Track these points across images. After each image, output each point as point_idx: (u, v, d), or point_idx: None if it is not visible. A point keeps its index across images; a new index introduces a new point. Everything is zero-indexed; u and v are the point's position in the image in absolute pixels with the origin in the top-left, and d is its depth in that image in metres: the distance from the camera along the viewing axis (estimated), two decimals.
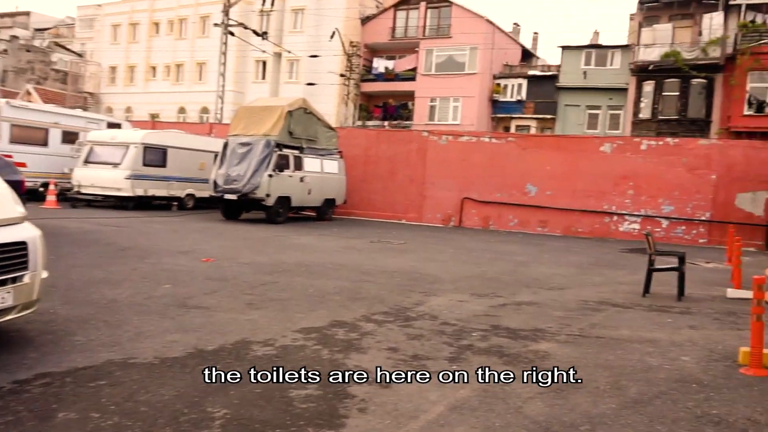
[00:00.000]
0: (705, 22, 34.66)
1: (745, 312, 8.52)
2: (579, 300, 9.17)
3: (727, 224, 19.05)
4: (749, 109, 33.53)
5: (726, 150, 20.54)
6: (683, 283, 9.56)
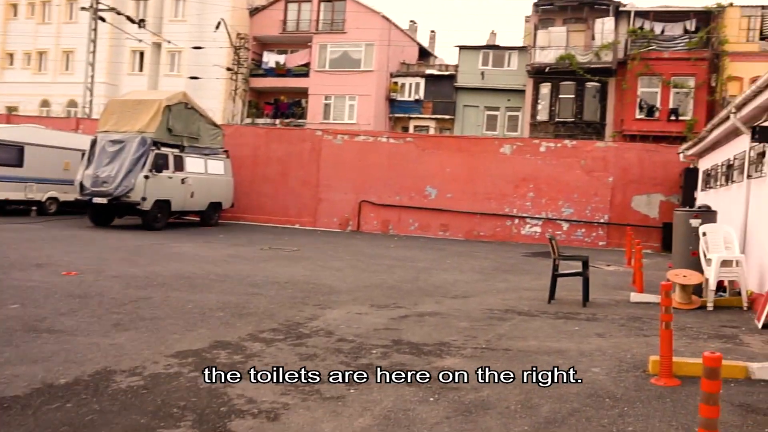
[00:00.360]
0: (597, 27, 36.47)
1: (650, 317, 8.76)
2: (484, 308, 9.09)
3: (624, 226, 19.96)
4: (641, 113, 35.54)
5: (622, 153, 21.56)
6: (588, 289, 9.71)
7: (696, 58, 33.60)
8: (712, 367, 3.41)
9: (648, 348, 6.85)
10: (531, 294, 10.66)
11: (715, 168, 14.85)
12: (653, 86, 35.62)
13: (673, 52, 34.66)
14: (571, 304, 9.69)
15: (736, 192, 12.25)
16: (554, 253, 9.97)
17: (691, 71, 33.95)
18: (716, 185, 14.65)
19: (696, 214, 10.80)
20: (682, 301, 9.65)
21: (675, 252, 11.15)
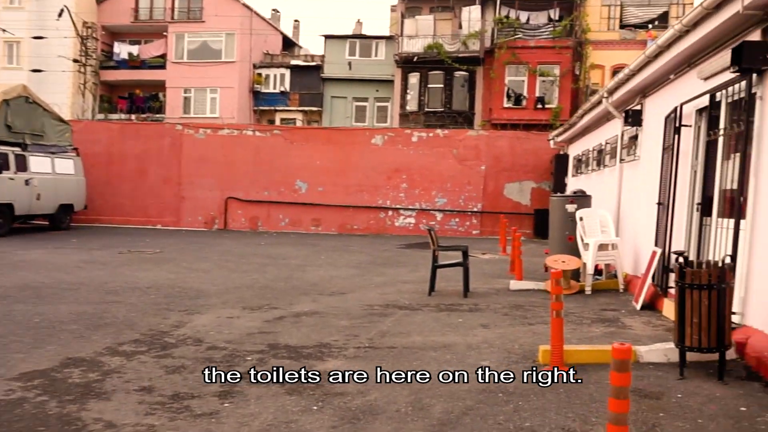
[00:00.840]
0: (464, 15, 37.35)
1: (532, 304, 8.80)
2: (363, 305, 8.76)
3: (497, 214, 20.45)
4: (509, 102, 36.80)
5: (493, 141, 22.08)
6: (468, 279, 9.64)
7: (560, 47, 35.20)
8: (623, 359, 3.21)
9: (535, 337, 6.79)
10: (410, 287, 10.47)
11: (586, 153, 15.48)
12: (520, 75, 36.95)
13: (538, 40, 36.10)
14: (452, 296, 9.58)
15: (609, 176, 12.75)
16: (433, 244, 9.81)
17: (556, 60, 35.49)
18: (588, 170, 15.26)
19: (572, 199, 11.08)
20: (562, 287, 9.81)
21: (552, 237, 11.38)
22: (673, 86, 8.84)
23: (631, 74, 9.94)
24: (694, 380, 5.20)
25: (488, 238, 21.01)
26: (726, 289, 5.16)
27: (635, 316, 7.95)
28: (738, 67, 6.09)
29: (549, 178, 21.16)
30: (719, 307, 5.13)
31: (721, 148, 6.83)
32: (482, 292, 9.91)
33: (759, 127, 6.04)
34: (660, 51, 8.43)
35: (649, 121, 10.08)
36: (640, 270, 9.90)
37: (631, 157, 10.94)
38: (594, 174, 14.44)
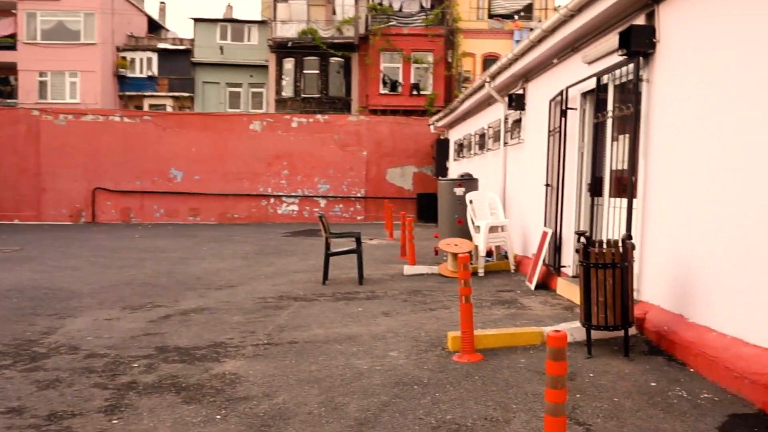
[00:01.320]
0: (338, 1, 37.01)
1: (429, 289, 8.71)
2: (256, 298, 8.32)
3: (381, 199, 20.43)
4: (385, 88, 36.91)
5: (374, 126, 22.00)
6: (362, 266, 9.43)
7: (433, 35, 35.68)
8: (558, 347, 3.07)
9: (439, 323, 6.68)
10: (302, 276, 10.12)
11: (468, 137, 15.68)
12: (395, 62, 37.12)
13: (411, 28, 36.39)
14: (347, 283, 9.34)
15: (492, 159, 12.95)
16: (325, 232, 9.50)
17: (429, 47, 35.95)
18: (470, 154, 15.47)
19: (459, 182, 11.12)
20: (455, 270, 9.83)
21: (441, 221, 11.40)
22: (557, 70, 9.01)
23: (515, 58, 10.06)
24: (602, 358, 5.25)
25: (373, 223, 20.96)
26: (629, 267, 5.24)
27: (531, 296, 8.06)
28: (626, 50, 6.20)
29: (430, 163, 21.38)
30: (623, 285, 5.20)
31: (610, 130, 6.99)
32: (377, 279, 9.73)
33: (646, 109, 6.20)
34: (544, 35, 8.55)
35: (532, 104, 10.26)
36: (529, 250, 10.10)
37: (516, 141, 11.13)
38: (477, 158, 14.66)
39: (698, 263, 5.21)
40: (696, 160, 5.32)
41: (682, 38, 5.69)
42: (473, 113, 14.97)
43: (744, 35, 4.72)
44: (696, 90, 5.38)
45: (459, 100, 15.05)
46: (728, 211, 4.82)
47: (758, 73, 4.51)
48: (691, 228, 5.35)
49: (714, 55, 5.11)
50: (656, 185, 6.00)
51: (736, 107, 4.78)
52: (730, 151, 4.83)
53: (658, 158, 5.96)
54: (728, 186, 4.83)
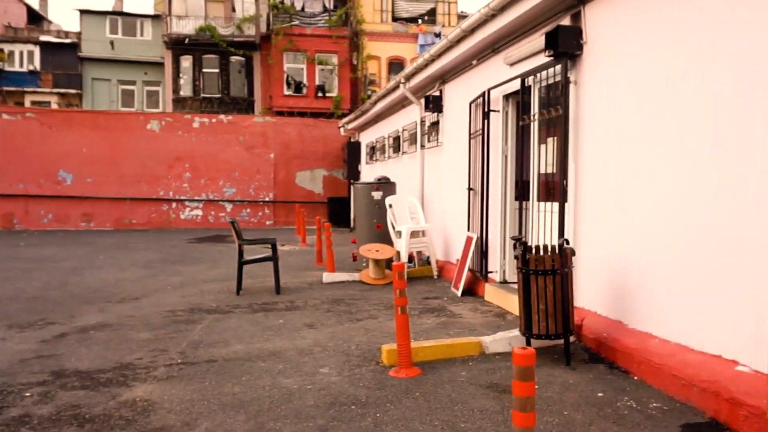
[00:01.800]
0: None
1: (352, 298, 8.40)
2: (164, 311, 7.74)
3: (291, 204, 19.94)
4: (289, 90, 36.30)
5: (282, 128, 21.47)
6: (279, 274, 8.99)
7: (337, 36, 35.40)
8: (527, 366, 2.83)
9: (369, 335, 6.39)
10: (213, 286, 9.57)
11: (381, 140, 15.48)
12: (299, 62, 36.57)
13: (315, 28, 35.98)
14: (263, 293, 8.89)
15: (409, 162, 12.80)
16: (238, 239, 9.00)
17: (334, 49, 35.66)
18: (384, 157, 15.28)
19: (377, 186, 10.89)
20: (377, 277, 9.58)
21: (359, 226, 11.12)
22: (476, 72, 8.93)
23: (431, 59, 9.93)
24: (543, 368, 5.11)
25: (283, 228, 20.43)
26: (569, 273, 5.15)
27: (459, 303, 7.90)
28: (553, 51, 6.15)
29: (341, 166, 21.08)
30: (563, 291, 5.10)
31: (536, 133, 6.93)
32: (295, 288, 9.33)
33: (575, 111, 6.16)
34: (463, 35, 8.44)
35: (450, 106, 10.17)
36: (451, 255, 9.99)
37: (434, 144, 11.02)
38: (391, 161, 14.48)
39: (636, 268, 5.18)
40: (629, 162, 5.29)
41: (609, 40, 5.68)
42: (386, 115, 14.79)
43: (668, 37, 4.72)
44: (624, 92, 5.37)
45: (371, 101, 14.83)
46: (665, 213, 4.80)
47: (686, 73, 4.51)
48: (626, 232, 5.32)
49: (643, 57, 5.10)
50: (588, 188, 5.96)
51: (664, 108, 4.77)
52: (663, 153, 4.81)
53: (590, 161, 5.92)
54: (663, 188, 4.81)
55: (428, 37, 38.38)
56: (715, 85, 4.33)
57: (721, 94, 4.27)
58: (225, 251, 14.42)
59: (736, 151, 4.13)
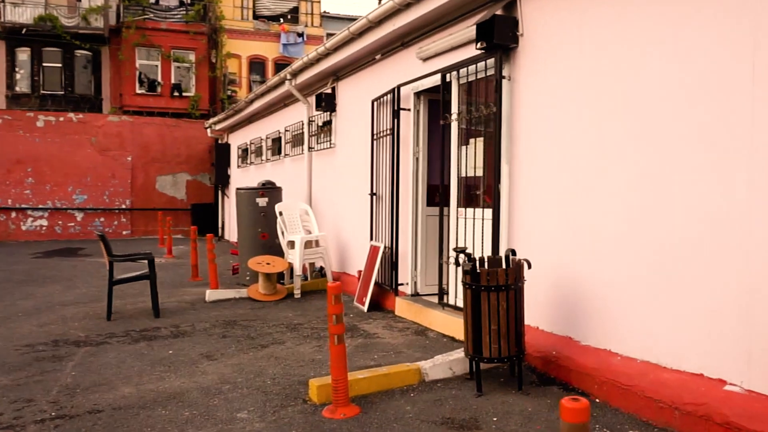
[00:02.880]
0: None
1: (246, 319, 7.53)
2: (20, 345, 6.46)
3: (151, 211, 18.40)
4: (142, 88, 34.02)
5: (140, 128, 19.82)
6: (157, 294, 7.90)
7: (194, 32, 33.62)
8: (582, 423, 2.24)
9: (282, 365, 5.57)
10: (76, 311, 8.28)
11: (258, 142, 14.49)
12: (153, 59, 34.38)
13: (171, 23, 34.00)
14: (139, 317, 7.77)
15: (292, 166, 11.99)
16: (108, 255, 7.81)
17: (191, 45, 33.83)
18: (260, 160, 14.31)
19: (261, 191, 10.03)
20: (268, 292, 8.72)
21: (241, 236, 10.19)
22: (381, 67, 8.36)
23: (326, 53, 9.25)
24: (495, 395, 4.58)
25: (143, 238, 18.80)
26: (521, 288, 4.66)
27: (370, 321, 7.24)
28: (486, 43, 5.69)
29: (208, 170, 19.79)
30: (517, 309, 4.60)
31: (457, 134, 6.44)
32: (174, 308, 8.27)
33: (509, 109, 5.72)
34: (369, 27, 7.84)
35: (346, 105, 9.53)
36: (347, 266, 9.33)
37: (325, 145, 10.31)
38: (270, 164, 13.58)
39: (587, 278, 4.79)
40: (576, 162, 4.91)
41: (548, 32, 5.29)
42: (264, 115, 13.87)
43: (610, 32, 4.38)
44: (567, 87, 4.99)
45: (247, 100, 13.84)
46: (623, 214, 4.44)
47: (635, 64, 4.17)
48: (574, 238, 4.93)
49: (585, 50, 4.74)
50: (525, 192, 5.53)
51: (612, 103, 4.43)
52: (615, 149, 4.46)
53: (528, 163, 5.50)
54: (618, 187, 4.45)
55: (291, 36, 37.57)
56: (672, 73, 4.00)
57: (681, 82, 3.94)
58: (81, 267, 12.85)
59: (702, 140, 3.81)
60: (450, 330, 6.27)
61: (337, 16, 44.66)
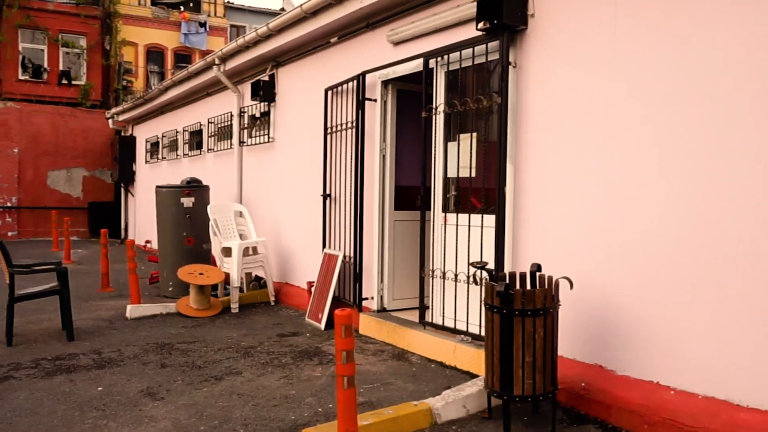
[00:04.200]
0: None
1: (182, 340, 6.44)
2: None
3: (42, 210, 16.53)
4: (25, 74, 31.23)
5: (29, 117, 17.83)
6: (70, 312, 6.62)
7: (86, 15, 31.19)
8: None
9: (250, 404, 4.55)
10: None
11: (172, 135, 13.09)
12: (38, 42, 31.57)
13: (59, 4, 31.40)
14: (48, 340, 6.49)
15: (215, 162, 10.82)
16: (6, 265, 6.46)
17: (82, 30, 31.32)
18: (175, 155, 12.95)
19: (187, 191, 8.87)
20: (200, 307, 7.61)
21: (163, 241, 8.98)
22: (338, 52, 7.45)
23: (268, 35, 8.21)
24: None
25: (32, 240, 16.86)
26: (556, 311, 3.93)
27: (334, 342, 6.30)
28: (490, 24, 4.92)
29: (108, 165, 18.05)
30: (553, 337, 3.86)
31: (443, 128, 5.65)
32: (91, 328, 7.01)
33: (515, 101, 4.98)
34: (327, 4, 6.90)
35: (289, 94, 8.54)
36: (289, 276, 8.35)
37: (260, 139, 9.24)
38: (187, 160, 12.28)
39: (622, 296, 4.12)
40: (607, 163, 4.24)
41: (565, 14, 4.60)
42: (180, 105, 12.55)
43: None
44: (592, 80, 4.32)
45: (161, 88, 12.47)
46: (669, 220, 3.80)
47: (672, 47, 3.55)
48: (608, 249, 4.25)
49: (617, 36, 4.08)
50: (538, 196, 4.81)
51: (646, 93, 3.79)
52: (653, 146, 3.82)
53: (540, 162, 4.77)
54: (667, 190, 3.81)
55: (192, 25, 35.75)
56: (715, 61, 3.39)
57: None
58: None
59: None
60: (436, 354, 5.46)
61: (242, 7, 42.97)
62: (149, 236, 14.28)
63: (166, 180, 13.47)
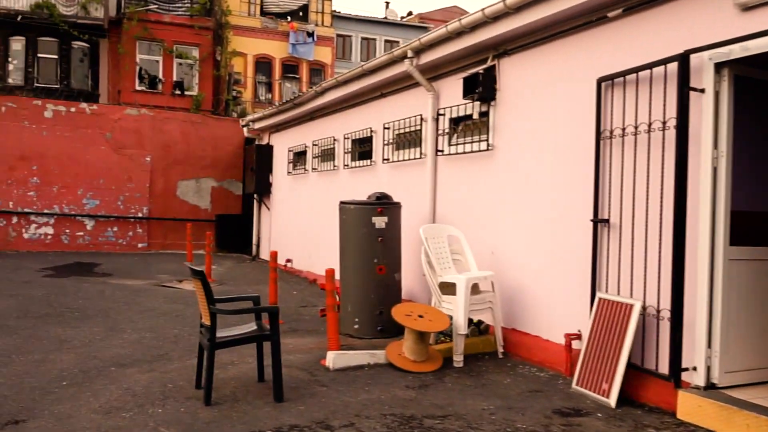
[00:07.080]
0: None
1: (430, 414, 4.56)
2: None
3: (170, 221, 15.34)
4: (141, 84, 30.98)
5: (161, 124, 16.66)
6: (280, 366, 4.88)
7: (199, 27, 30.75)
8: None
9: None
10: (145, 379, 5.29)
11: (328, 143, 11.40)
12: (154, 54, 31.45)
13: (174, 16, 31.15)
14: (250, 398, 4.82)
15: (392, 175, 9.07)
16: (207, 301, 4.77)
17: (195, 41, 30.98)
18: (331, 166, 11.26)
19: (380, 208, 7.13)
20: (418, 358, 5.77)
21: (346, 267, 7.29)
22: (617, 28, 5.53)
23: (495, 16, 6.38)
24: None
25: (161, 253, 15.68)
26: None
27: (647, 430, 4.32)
28: None
29: (238, 176, 16.71)
30: None
31: None
32: (290, 381, 5.25)
33: None
34: None
35: (520, 90, 6.66)
36: (519, 323, 6.40)
37: (471, 147, 7.34)
38: (347, 171, 10.58)
39: None
40: None
41: None
42: (338, 109, 10.90)
43: None
44: None
45: (318, 90, 10.83)
46: None
47: None
48: None
49: None
50: None
51: None
52: None
53: None
54: None
55: (300, 35, 35.01)
56: None
57: None
58: (110, 294, 9.69)
59: None
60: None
61: (348, 16, 42.05)
62: (290, 254, 12.74)
63: (315, 193, 11.89)
